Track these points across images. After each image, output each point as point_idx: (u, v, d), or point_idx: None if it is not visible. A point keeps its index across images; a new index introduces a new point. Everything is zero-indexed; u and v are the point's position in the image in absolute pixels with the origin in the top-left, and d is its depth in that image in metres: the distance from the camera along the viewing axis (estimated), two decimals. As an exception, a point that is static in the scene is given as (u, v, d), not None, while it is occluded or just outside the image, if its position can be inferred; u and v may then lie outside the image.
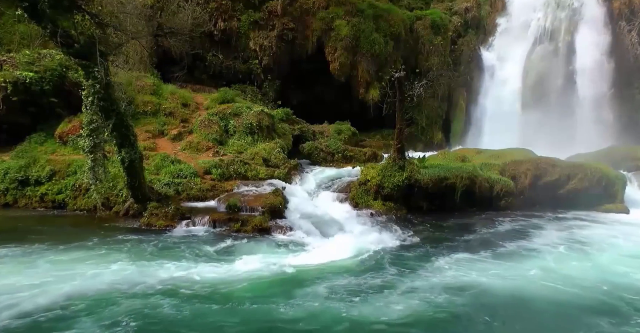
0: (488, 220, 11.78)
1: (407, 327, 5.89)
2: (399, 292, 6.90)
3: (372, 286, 7.13)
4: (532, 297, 6.87)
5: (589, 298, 6.84)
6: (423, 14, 24.07)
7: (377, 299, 6.63)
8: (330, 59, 21.58)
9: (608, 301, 6.75)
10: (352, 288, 7.00)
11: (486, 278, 7.57)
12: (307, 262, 8.20)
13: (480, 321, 6.11)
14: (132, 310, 6.09)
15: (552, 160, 14.06)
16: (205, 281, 7.16)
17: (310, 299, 6.58)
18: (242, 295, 6.69)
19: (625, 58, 21.50)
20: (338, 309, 6.27)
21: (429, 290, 7.00)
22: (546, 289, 7.15)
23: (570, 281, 7.49)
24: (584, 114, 20.92)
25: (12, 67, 14.20)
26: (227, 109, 16.57)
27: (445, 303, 6.53)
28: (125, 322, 5.78)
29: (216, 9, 21.09)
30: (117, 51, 11.96)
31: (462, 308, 6.41)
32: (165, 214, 10.59)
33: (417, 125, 23.30)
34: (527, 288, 7.20)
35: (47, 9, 8.68)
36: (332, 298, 6.60)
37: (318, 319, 6.02)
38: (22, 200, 12.31)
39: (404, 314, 6.18)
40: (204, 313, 6.09)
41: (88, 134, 9.77)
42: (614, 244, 9.78)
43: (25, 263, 7.79)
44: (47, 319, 5.82)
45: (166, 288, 6.82)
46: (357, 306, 6.38)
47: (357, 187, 12.71)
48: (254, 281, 7.22)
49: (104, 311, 6.05)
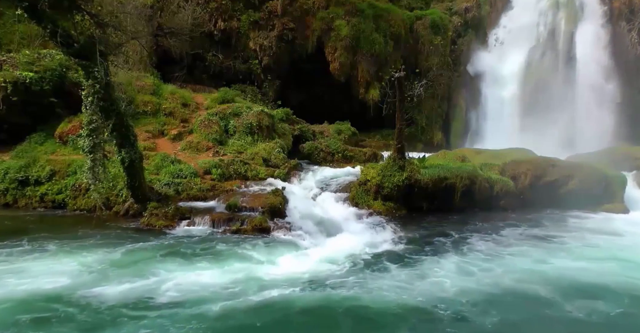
0: (488, 220, 11.77)
1: (405, 325, 5.90)
2: (398, 292, 6.89)
3: (372, 285, 7.13)
4: (531, 298, 6.87)
5: (588, 299, 6.82)
6: (423, 14, 24.09)
7: (376, 298, 6.62)
8: (330, 59, 21.60)
9: (608, 301, 6.74)
10: (352, 288, 6.99)
11: (486, 278, 7.57)
12: (306, 261, 8.20)
13: (481, 321, 6.10)
14: (132, 309, 6.09)
15: (552, 160, 14.06)
16: (205, 281, 7.15)
17: (310, 299, 6.58)
18: (242, 295, 6.68)
19: (626, 58, 21.50)
20: (337, 307, 6.29)
21: (429, 290, 6.99)
22: (546, 289, 7.13)
23: (570, 281, 7.48)
24: (584, 114, 20.92)
25: (12, 67, 14.20)
26: (227, 109, 16.57)
27: (445, 303, 6.52)
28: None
29: (216, 9, 21.12)
30: (117, 51, 11.96)
31: (462, 308, 6.40)
32: (165, 214, 10.58)
33: (417, 125, 23.33)
34: (527, 288, 7.19)
35: (47, 9, 8.68)
36: (332, 298, 6.60)
37: (317, 317, 6.04)
38: (22, 200, 12.31)
39: (403, 314, 6.19)
40: (203, 314, 6.08)
41: (88, 134, 9.76)
42: (614, 244, 9.76)
43: (24, 263, 7.79)
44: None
45: (166, 288, 6.81)
46: (357, 305, 6.38)
47: (357, 187, 12.71)
48: (255, 281, 7.21)
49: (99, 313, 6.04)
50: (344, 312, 6.26)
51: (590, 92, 21.15)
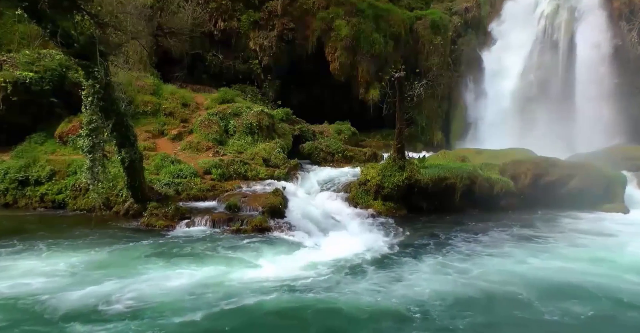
0: (488, 220, 11.76)
1: (404, 324, 5.91)
2: (398, 291, 6.89)
3: (372, 285, 7.11)
4: (531, 297, 6.87)
5: (563, 300, 6.75)
6: (423, 14, 24.09)
7: (376, 298, 6.61)
8: (330, 59, 21.60)
9: (608, 301, 6.74)
10: (351, 287, 6.98)
11: (486, 277, 7.56)
12: (306, 261, 8.18)
13: (451, 323, 6.07)
14: (132, 309, 6.09)
15: (552, 160, 14.05)
16: (204, 281, 7.13)
17: (309, 298, 6.57)
18: (242, 295, 6.65)
19: (626, 58, 21.50)
20: (336, 306, 6.28)
21: (428, 290, 6.97)
22: (546, 289, 7.13)
23: (570, 281, 7.46)
24: (584, 114, 20.90)
25: (12, 67, 14.21)
26: (227, 109, 16.57)
27: (444, 303, 6.52)
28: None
29: (216, 9, 21.13)
30: (117, 51, 11.97)
31: (462, 309, 6.40)
32: (165, 214, 10.58)
33: (417, 125, 23.32)
34: (526, 288, 7.18)
35: (47, 9, 8.68)
36: (330, 296, 6.59)
37: (316, 315, 6.02)
38: (22, 200, 12.31)
39: (403, 313, 6.19)
40: (203, 313, 6.07)
41: (88, 133, 9.75)
42: (602, 244, 9.73)
43: (7, 262, 7.77)
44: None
45: (165, 289, 6.80)
46: (357, 303, 6.36)
47: (357, 187, 12.71)
48: (255, 281, 7.19)
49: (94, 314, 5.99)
50: (315, 314, 6.11)
51: (591, 91, 21.14)
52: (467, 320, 6.05)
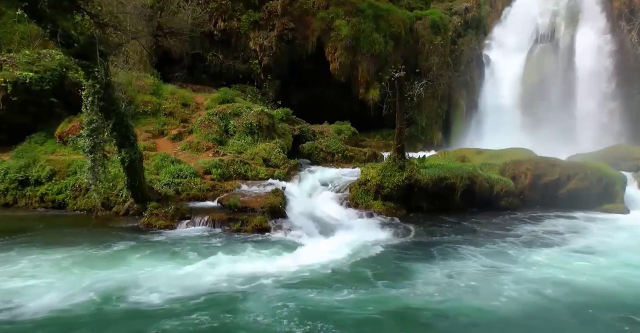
0: (488, 220, 11.76)
1: (404, 324, 5.91)
2: (398, 291, 6.89)
3: (371, 285, 7.12)
4: (530, 297, 6.87)
5: (587, 298, 6.82)
6: (423, 14, 24.10)
7: (376, 298, 6.61)
8: (330, 59, 21.61)
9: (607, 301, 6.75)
10: (351, 287, 6.98)
11: (486, 277, 7.57)
12: (306, 261, 8.17)
13: (482, 322, 6.10)
14: (132, 309, 6.09)
15: (552, 160, 14.05)
16: (205, 281, 7.13)
17: (309, 298, 6.56)
18: (242, 295, 6.66)
19: (625, 58, 21.52)
20: (336, 306, 6.27)
21: (428, 290, 6.98)
22: (546, 289, 7.13)
23: (570, 280, 7.47)
24: (584, 114, 20.94)
25: (12, 67, 14.21)
26: (227, 109, 16.57)
27: (444, 303, 6.52)
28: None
29: (216, 9, 21.14)
30: (117, 51, 11.97)
31: (463, 309, 6.40)
32: (165, 214, 10.58)
33: (417, 125, 23.33)
34: (525, 288, 7.18)
35: (47, 9, 8.67)
36: (330, 296, 6.58)
37: (316, 315, 6.01)
38: (22, 200, 12.31)
39: (403, 313, 6.19)
40: (203, 313, 6.07)
41: (88, 134, 9.75)
42: (613, 244, 9.73)
43: (19, 263, 7.77)
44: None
45: (165, 289, 6.79)
46: (357, 303, 6.37)
47: (357, 187, 12.71)
48: (255, 281, 7.19)
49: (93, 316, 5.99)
50: (315, 314, 6.06)
51: (591, 91, 21.16)
52: (467, 320, 6.05)
